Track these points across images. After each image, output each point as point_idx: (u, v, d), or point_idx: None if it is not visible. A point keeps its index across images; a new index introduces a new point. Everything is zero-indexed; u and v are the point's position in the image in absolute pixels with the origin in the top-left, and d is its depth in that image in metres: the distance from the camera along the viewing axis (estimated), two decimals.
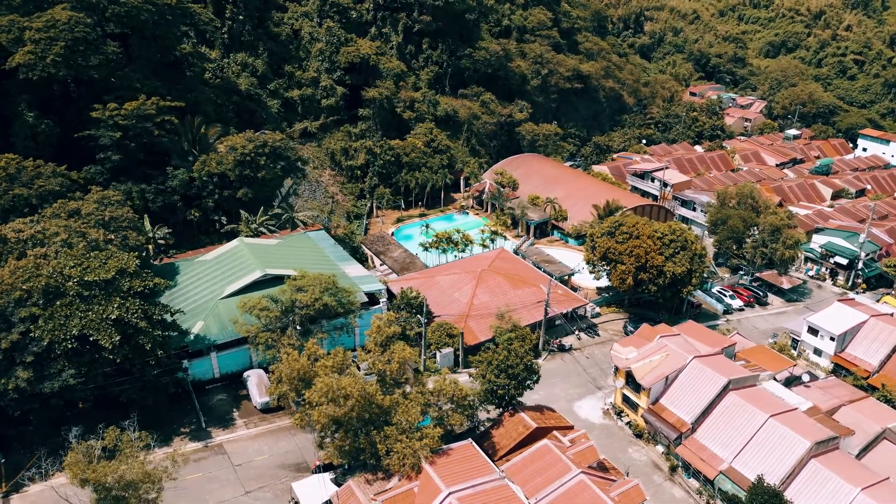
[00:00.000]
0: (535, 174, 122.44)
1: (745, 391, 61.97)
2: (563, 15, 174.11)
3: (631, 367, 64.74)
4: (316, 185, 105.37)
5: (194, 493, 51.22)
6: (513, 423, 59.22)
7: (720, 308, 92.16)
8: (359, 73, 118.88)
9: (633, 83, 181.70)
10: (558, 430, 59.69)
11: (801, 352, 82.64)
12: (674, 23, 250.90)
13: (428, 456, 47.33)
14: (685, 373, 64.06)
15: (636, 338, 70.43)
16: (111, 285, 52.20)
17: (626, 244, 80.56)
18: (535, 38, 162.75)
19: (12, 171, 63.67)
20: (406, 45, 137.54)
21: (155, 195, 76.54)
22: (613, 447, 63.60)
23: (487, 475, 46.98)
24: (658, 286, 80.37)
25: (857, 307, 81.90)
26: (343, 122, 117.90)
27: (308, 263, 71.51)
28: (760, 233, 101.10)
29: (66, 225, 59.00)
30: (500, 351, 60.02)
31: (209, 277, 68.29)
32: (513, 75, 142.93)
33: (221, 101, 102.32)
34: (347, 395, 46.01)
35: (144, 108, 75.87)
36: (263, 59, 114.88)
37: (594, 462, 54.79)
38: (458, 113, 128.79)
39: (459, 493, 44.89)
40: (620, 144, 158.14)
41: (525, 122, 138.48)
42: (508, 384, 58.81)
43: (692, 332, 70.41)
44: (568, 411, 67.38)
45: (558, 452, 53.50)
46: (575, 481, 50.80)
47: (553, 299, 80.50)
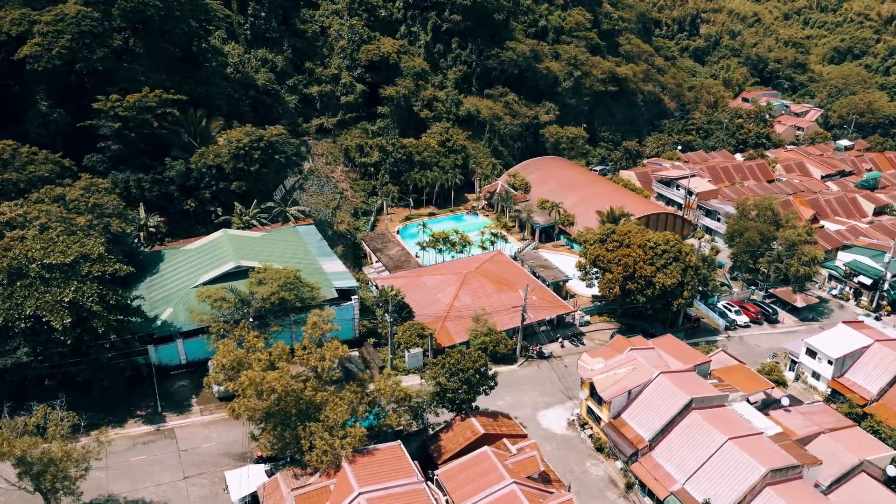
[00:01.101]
0: (553, 177, 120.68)
1: (709, 411, 59.58)
2: (603, 16, 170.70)
3: (593, 378, 63.20)
4: (325, 180, 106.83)
5: (134, 475, 52.95)
6: (462, 427, 58.80)
7: (722, 323, 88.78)
8: (378, 71, 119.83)
9: (675, 87, 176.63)
10: (509, 437, 58.95)
11: (800, 374, 78.87)
12: (731, 26, 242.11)
13: (349, 455, 47.45)
14: (650, 388, 62.09)
15: (607, 349, 68.69)
16: (71, 269, 54.42)
17: (616, 252, 78.58)
18: (571, 39, 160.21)
19: (7, 156, 67.19)
20: (434, 44, 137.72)
21: (151, 184, 79.24)
22: (571, 460, 62.26)
23: (406, 478, 46.79)
24: (647, 297, 78.06)
25: (862, 330, 77.49)
26: (361, 120, 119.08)
27: (286, 257, 72.78)
28: (777, 247, 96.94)
29: (47, 210, 61.79)
30: (454, 354, 59.65)
31: (188, 266, 70.30)
32: (541, 76, 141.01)
33: (238, 95, 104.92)
34: (272, 388, 46.58)
35: (146, 101, 78.62)
36: (286, 55, 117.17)
37: (535, 473, 53.75)
38: (480, 113, 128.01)
39: (370, 494, 44.89)
40: (653, 150, 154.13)
41: (550, 124, 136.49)
42: (459, 388, 58.37)
43: (668, 346, 68.12)
44: (531, 419, 66.36)
45: (495, 460, 52.76)
46: (506, 491, 50.00)
47: (538, 305, 79.45)
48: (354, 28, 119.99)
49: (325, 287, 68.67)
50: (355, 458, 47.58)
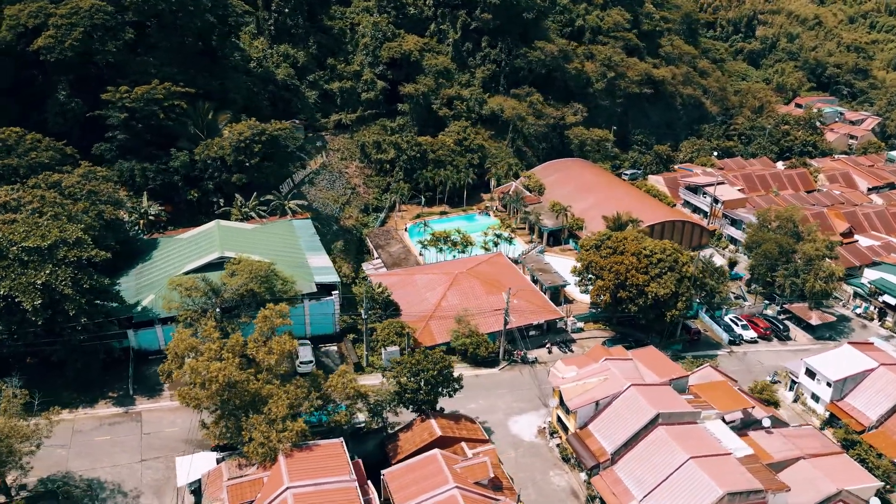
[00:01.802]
0: (572, 180, 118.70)
1: (677, 428, 57.57)
2: (644, 16, 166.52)
3: (561, 386, 61.94)
4: (338, 175, 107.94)
5: (95, 454, 54.79)
6: (421, 428, 58.53)
7: (725, 337, 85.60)
8: (400, 69, 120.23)
9: (718, 91, 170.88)
10: (468, 441, 58.34)
11: (799, 395, 75.41)
12: (790, 28, 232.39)
13: (287, 449, 47.86)
14: (619, 400, 60.44)
15: (584, 357, 67.27)
16: (49, 252, 56.64)
17: (609, 259, 76.72)
18: (608, 39, 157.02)
19: (11, 142, 70.41)
20: (463, 42, 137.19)
21: (155, 174, 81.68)
22: (535, 468, 61.20)
23: (339, 476, 46.86)
24: (639, 307, 75.96)
25: (868, 352, 73.49)
26: (381, 117, 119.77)
27: (273, 249, 73.93)
28: (797, 261, 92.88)
29: (42, 195, 64.48)
30: (417, 354, 59.47)
31: (178, 255, 72.19)
32: (570, 77, 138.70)
33: (258, 89, 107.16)
34: (214, 378, 47.44)
35: (153, 93, 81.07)
36: (311, 51, 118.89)
37: (484, 479, 53.04)
38: (504, 112, 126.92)
39: (298, 489, 45.16)
40: (687, 155, 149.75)
41: (577, 125, 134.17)
42: (418, 388, 58.15)
43: (648, 358, 66.11)
44: (501, 425, 65.55)
45: (442, 464, 52.26)
46: (446, 495, 49.46)
47: (526, 309, 78.40)
48: (378, 25, 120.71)
49: (305, 281, 69.39)
50: (292, 453, 47.93)
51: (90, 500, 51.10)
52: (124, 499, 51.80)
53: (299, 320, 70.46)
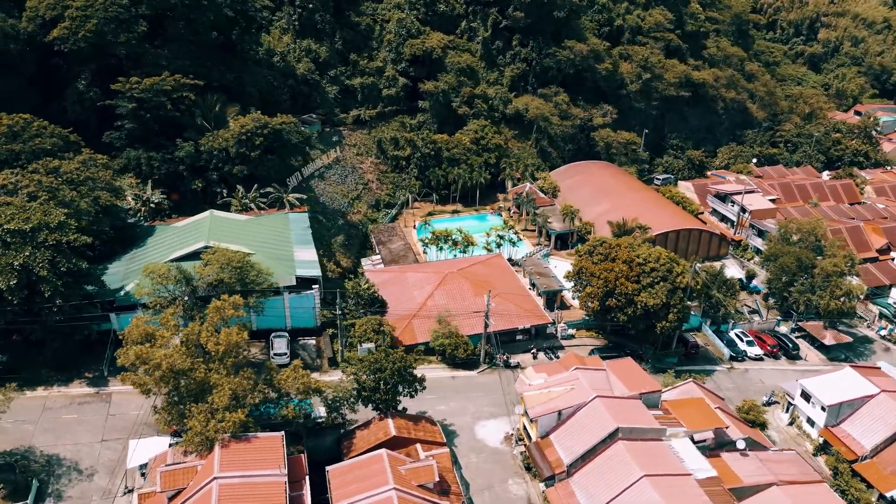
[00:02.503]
0: (590, 183, 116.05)
1: (638, 444, 55.59)
2: (688, 17, 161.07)
3: (524, 394, 60.69)
4: (351, 170, 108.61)
5: (59, 431, 56.90)
6: (377, 427, 58.43)
7: (727, 353, 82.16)
8: (422, 66, 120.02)
9: (765, 95, 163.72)
10: (424, 443, 57.85)
11: (795, 418, 71.71)
12: (855, 32, 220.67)
13: (224, 439, 48.46)
14: (583, 411, 58.83)
15: (556, 365, 65.79)
16: (30, 235, 59.00)
17: (599, 266, 74.65)
18: (647, 39, 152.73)
19: (18, 128, 73.58)
20: (493, 40, 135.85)
21: (161, 163, 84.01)
22: (495, 475, 60.16)
23: (270, 469, 47.13)
24: (628, 316, 73.65)
25: (871, 377, 69.27)
26: (402, 113, 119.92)
27: (261, 241, 75.12)
28: (814, 277, 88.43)
29: (39, 180, 67.22)
30: (377, 352, 59.32)
31: (170, 242, 74.05)
32: (601, 77, 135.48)
33: (278, 83, 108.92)
34: (157, 365, 48.48)
35: (162, 84, 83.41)
36: (335, 46, 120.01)
37: (429, 482, 52.36)
38: (528, 112, 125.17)
39: (225, 480, 45.62)
40: (724, 161, 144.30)
41: (605, 127, 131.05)
42: (376, 386, 57.99)
43: (622, 370, 63.99)
44: (467, 428, 64.74)
45: (386, 464, 51.91)
46: (382, 496, 49.17)
47: (514, 313, 77.22)
48: (402, 22, 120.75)
49: (286, 274, 70.15)
50: (229, 444, 48.46)
51: (47, 475, 53.00)
52: (79, 476, 53.57)
53: (279, 312, 71.56)
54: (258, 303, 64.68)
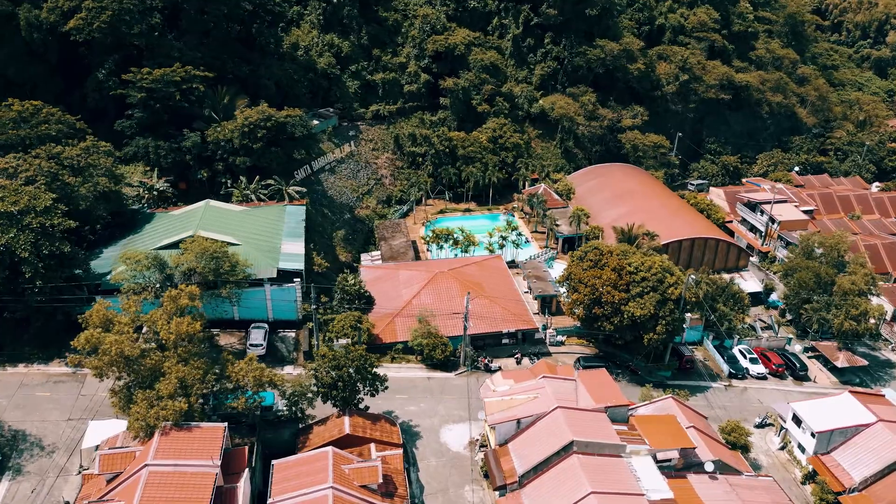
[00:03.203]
0: (611, 186, 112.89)
1: (594, 459, 53.64)
2: (736, 16, 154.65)
3: (485, 399, 59.40)
4: (364, 165, 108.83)
5: (29, 408, 58.91)
6: (334, 424, 58.28)
7: (726, 369, 78.54)
8: (445, 62, 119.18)
9: (816, 100, 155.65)
10: (379, 443, 57.34)
11: (787, 442, 67.94)
12: None
13: (167, 427, 49.15)
14: (543, 421, 57.22)
15: (526, 371, 64.17)
16: (16, 218, 61.33)
17: (587, 272, 72.41)
18: (689, 39, 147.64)
19: (27, 114, 76.61)
20: (525, 37, 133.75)
21: (167, 152, 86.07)
22: (452, 480, 59.12)
23: (203, 460, 47.48)
24: (615, 326, 71.23)
25: (870, 404, 64.96)
26: (423, 110, 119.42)
27: (251, 232, 76.06)
28: (831, 295, 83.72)
29: (38, 164, 69.83)
30: (338, 349, 59.12)
31: (163, 230, 75.71)
32: (634, 78, 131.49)
33: (298, 76, 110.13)
34: (105, 350, 49.58)
35: (172, 75, 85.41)
36: (361, 41, 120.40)
37: (373, 483, 51.80)
38: (553, 111, 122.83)
39: (156, 467, 46.22)
40: (762, 168, 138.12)
41: (634, 129, 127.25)
42: (334, 383, 57.82)
43: (593, 381, 61.83)
44: (432, 431, 63.83)
45: (329, 462, 51.67)
46: (319, 494, 48.94)
47: (499, 317, 75.87)
48: (427, 17, 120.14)
49: (269, 266, 70.75)
50: (170, 432, 49.08)
51: (10, 449, 55.00)
52: (40, 452, 55.35)
53: (261, 304, 72.30)
54: (232, 293, 65.44)
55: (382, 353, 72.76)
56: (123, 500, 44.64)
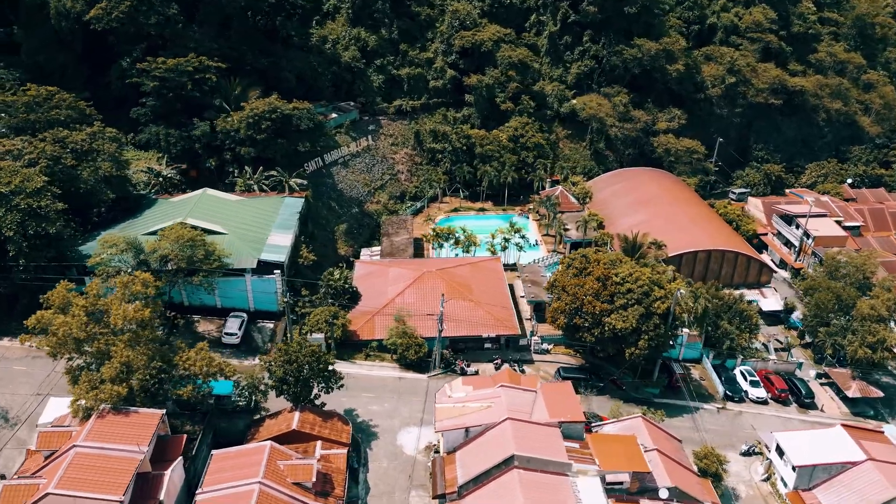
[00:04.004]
0: (634, 191, 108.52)
1: (535, 475, 51.50)
2: (796, 17, 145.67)
3: (437, 405, 58.02)
4: (381, 160, 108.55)
5: (3, 380, 61.48)
6: (283, 418, 58.31)
7: (721, 390, 74.20)
8: (472, 59, 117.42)
9: (882, 108, 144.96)
10: (326, 441, 56.96)
11: (771, 474, 63.53)
12: None
13: (105, 409, 50.18)
14: (492, 432, 55.47)
15: (489, 379, 62.28)
16: (6, 198, 64.07)
17: (572, 280, 69.73)
18: (742, 40, 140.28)
19: (40, 99, 79.83)
20: (562, 35, 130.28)
21: (177, 140, 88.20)
22: (399, 485, 58.13)
23: (131, 445, 48.15)
24: (596, 337, 68.33)
25: (863, 441, 59.93)
26: (448, 106, 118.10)
27: (240, 222, 77.06)
28: (850, 319, 78.02)
29: (42, 148, 72.80)
30: (293, 344, 59.02)
31: (159, 216, 77.41)
32: (673, 79, 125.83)
33: (323, 69, 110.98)
34: (54, 332, 51.07)
35: (185, 65, 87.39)
36: (391, 35, 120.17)
37: (307, 482, 51.43)
38: (582, 111, 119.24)
39: (84, 449, 47.20)
40: (811, 179, 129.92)
41: (667, 132, 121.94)
42: (285, 378, 57.77)
43: (554, 394, 59.38)
44: (390, 432, 62.93)
45: (263, 456, 51.60)
46: (245, 488, 49.00)
47: (481, 321, 74.23)
48: (457, 13, 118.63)
49: (249, 256, 71.39)
50: (106, 415, 50.10)
51: None
52: (5, 424, 57.67)
53: (242, 294, 73.13)
54: (205, 281, 66.37)
55: (358, 349, 72.42)
56: (46, 478, 45.81)
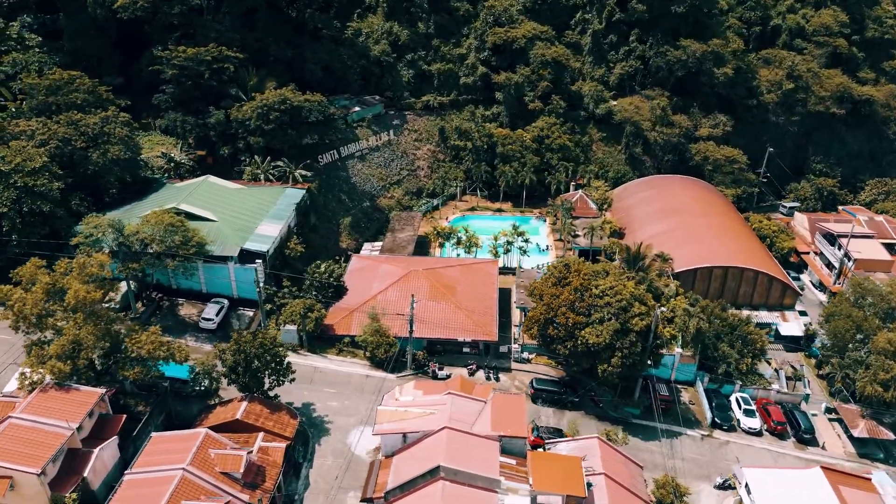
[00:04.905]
0: (661, 200, 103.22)
1: (462, 489, 49.63)
2: (871, 20, 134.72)
3: (378, 408, 57.01)
4: (401, 155, 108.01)
5: None
6: (231, 407, 58.92)
7: (709, 416, 69.62)
8: (504, 55, 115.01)
9: None
10: (269, 433, 57.12)
11: None
12: None
13: (46, 383, 52.06)
14: (428, 440, 54.06)
15: (442, 384, 60.69)
16: (6, 176, 67.67)
17: (550, 289, 67.02)
18: (807, 44, 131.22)
19: (61, 83, 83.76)
20: (607, 34, 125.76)
21: (192, 127, 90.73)
22: (339, 484, 57.44)
23: (63, 421, 49.65)
24: (569, 351, 65.42)
25: (843, 488, 54.74)
26: (478, 103, 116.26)
27: (232, 210, 78.50)
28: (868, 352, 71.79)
29: (54, 129, 76.54)
30: (246, 334, 59.42)
31: (161, 200, 79.82)
32: (719, 83, 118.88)
33: (352, 62, 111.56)
34: (10, 307, 53.39)
35: (204, 54, 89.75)
36: (428, 30, 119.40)
37: (235, 472, 51.68)
38: (616, 114, 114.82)
39: (18, 420, 49.11)
40: (870, 196, 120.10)
41: (708, 140, 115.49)
42: (234, 367, 58.30)
43: (504, 406, 56.97)
44: (343, 430, 62.49)
45: (195, 443, 52.25)
46: (168, 473, 49.74)
47: (457, 325, 72.65)
48: (493, 9, 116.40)
49: (233, 245, 72.49)
50: (49, 389, 51.94)
51: None
52: None
53: (227, 281, 74.39)
54: (181, 266, 67.87)
55: (332, 344, 72.33)
56: None
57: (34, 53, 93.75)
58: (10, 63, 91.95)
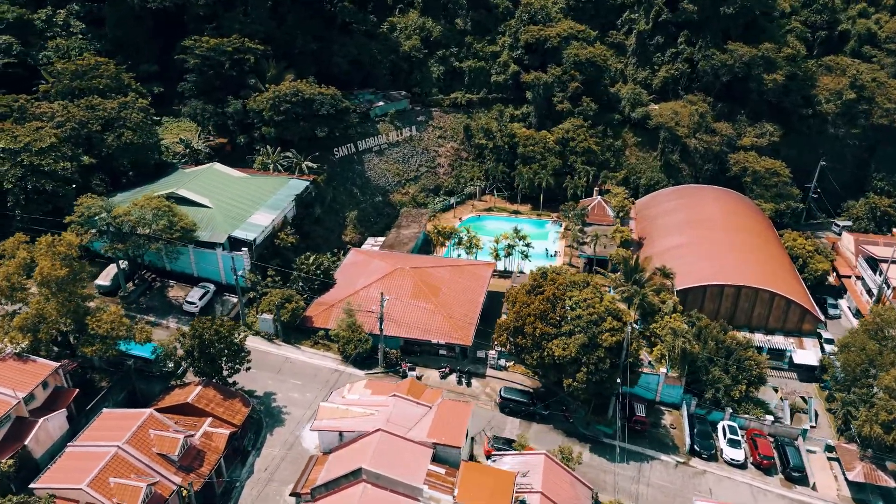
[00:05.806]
0: (688, 211, 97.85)
1: (383, 493, 48.94)
2: None
3: (321, 404, 56.68)
4: (422, 151, 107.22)
5: None
6: (186, 390, 60.23)
7: (688, 443, 65.52)
8: (536, 54, 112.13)
9: None
10: (218, 419, 57.95)
11: None
12: None
13: (5, 354, 54.68)
14: (361, 441, 53.39)
15: (393, 385, 59.66)
16: (15, 154, 71.60)
17: (522, 297, 64.76)
18: (876, 52, 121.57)
19: (87, 69, 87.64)
20: (653, 35, 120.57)
21: (211, 115, 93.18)
22: (281, 475, 57.70)
23: (10, 389, 52.00)
24: (536, 362, 63.04)
25: None
26: (508, 102, 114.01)
27: (229, 198, 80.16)
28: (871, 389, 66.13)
29: (71, 113, 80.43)
30: (205, 321, 60.40)
31: (169, 184, 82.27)
32: (769, 90, 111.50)
33: (382, 57, 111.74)
34: None
35: (226, 45, 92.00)
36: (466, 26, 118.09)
37: (171, 454, 52.77)
38: (651, 119, 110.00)
39: None
40: None
41: (749, 150, 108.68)
42: (190, 352, 59.43)
43: (448, 413, 55.53)
44: (297, 423, 62.73)
45: (137, 422, 53.60)
46: (102, 450, 51.38)
47: (432, 327, 71.53)
48: (530, 6, 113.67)
49: (222, 232, 73.94)
50: (7, 359, 54.51)
51: None
52: None
53: (215, 267, 76.01)
54: (165, 249, 69.77)
55: (309, 336, 72.61)
56: None
57: (76, 40, 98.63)
58: (54, 48, 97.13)
